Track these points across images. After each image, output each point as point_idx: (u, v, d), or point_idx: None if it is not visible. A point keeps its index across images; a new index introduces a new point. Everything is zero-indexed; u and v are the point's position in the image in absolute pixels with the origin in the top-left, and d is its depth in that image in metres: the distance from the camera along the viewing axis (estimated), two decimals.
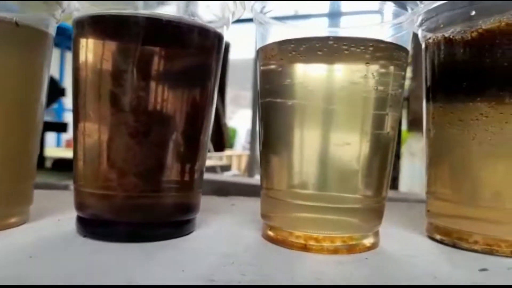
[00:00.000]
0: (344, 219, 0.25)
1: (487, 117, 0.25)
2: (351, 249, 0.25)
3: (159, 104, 0.25)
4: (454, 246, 0.27)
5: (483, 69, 0.25)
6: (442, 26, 0.28)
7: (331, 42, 0.23)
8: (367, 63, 0.24)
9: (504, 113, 0.25)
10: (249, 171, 3.23)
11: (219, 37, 0.28)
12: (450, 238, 0.28)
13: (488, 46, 0.25)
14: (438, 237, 0.28)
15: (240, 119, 4.05)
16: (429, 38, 0.29)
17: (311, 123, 0.24)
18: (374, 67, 0.24)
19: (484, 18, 0.25)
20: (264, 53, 0.26)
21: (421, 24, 0.29)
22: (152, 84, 0.25)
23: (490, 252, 0.26)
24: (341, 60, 0.24)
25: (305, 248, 0.25)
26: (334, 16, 0.27)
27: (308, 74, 0.25)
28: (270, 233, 0.27)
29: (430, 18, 0.29)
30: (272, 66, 0.26)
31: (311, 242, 0.25)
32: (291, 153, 0.25)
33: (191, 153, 0.27)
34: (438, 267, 0.23)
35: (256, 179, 1.76)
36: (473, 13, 0.26)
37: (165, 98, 0.25)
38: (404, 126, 1.22)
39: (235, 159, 3.36)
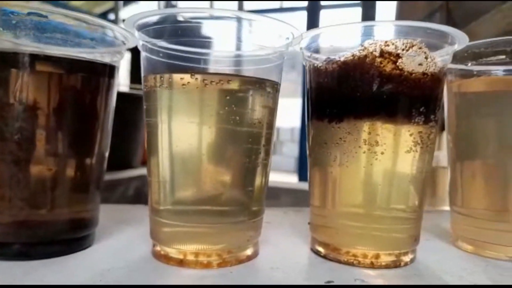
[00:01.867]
0: (216, 233, 0.27)
1: (345, 142, 0.28)
2: (223, 263, 0.27)
3: (42, 133, 0.27)
4: (325, 257, 0.30)
5: (341, 98, 0.28)
6: (315, 53, 0.30)
7: (193, 77, 0.25)
8: (227, 96, 0.26)
9: (358, 139, 0.27)
10: None
11: (107, 66, 0.30)
12: (326, 250, 0.30)
13: (345, 77, 0.28)
14: (316, 248, 0.31)
15: None
16: (306, 64, 0.31)
17: (177, 147, 0.26)
18: (234, 99, 0.26)
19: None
20: (143, 78, 0.28)
21: (301, 49, 0.31)
22: (34, 114, 0.27)
23: (353, 264, 0.28)
24: (203, 93, 0.26)
25: (181, 263, 0.27)
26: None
27: (174, 102, 0.27)
28: (155, 249, 0.29)
29: (309, 44, 0.31)
30: (146, 91, 0.28)
31: (189, 257, 0.27)
32: (163, 171, 0.27)
33: (80, 175, 0.29)
34: (290, 280, 0.25)
35: None
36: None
37: (48, 127, 0.27)
38: None
39: None
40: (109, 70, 0.30)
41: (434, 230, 0.39)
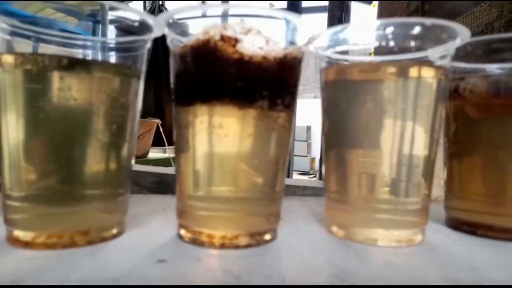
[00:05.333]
0: (61, 215, 0.28)
1: (193, 125, 0.28)
2: (70, 244, 0.28)
3: None
4: (183, 239, 0.30)
5: (190, 82, 0.28)
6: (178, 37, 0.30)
7: (25, 58, 0.26)
8: (59, 77, 0.26)
9: (203, 122, 0.28)
10: None
11: None
12: (186, 233, 0.30)
13: (192, 62, 0.28)
14: (178, 231, 0.31)
15: None
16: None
17: (13, 130, 0.27)
18: (66, 80, 0.26)
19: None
20: None
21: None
22: None
23: (204, 244, 0.29)
24: (37, 75, 0.26)
25: (27, 245, 0.27)
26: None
27: (8, 84, 0.27)
28: (9, 232, 0.29)
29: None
30: None
31: (39, 239, 0.27)
32: (5, 153, 0.27)
33: None
34: (120, 259, 0.26)
35: None
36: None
37: None
38: None
39: None
40: None
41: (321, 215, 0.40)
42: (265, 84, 0.28)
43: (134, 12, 0.29)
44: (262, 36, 0.27)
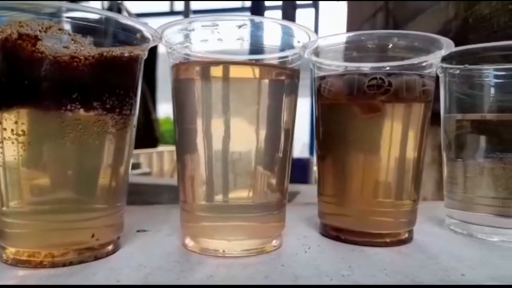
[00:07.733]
0: None
1: None
2: None
3: None
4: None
5: None
6: None
7: None
8: None
9: (7, 129, 0.25)
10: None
11: None
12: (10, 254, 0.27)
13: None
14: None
15: None
16: None
17: None
18: None
19: None
20: None
21: None
22: None
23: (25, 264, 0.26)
24: None
25: None
26: None
27: None
28: None
29: None
30: None
31: None
32: None
33: None
34: None
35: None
36: None
37: None
38: None
39: (155, 157, 3.34)
40: None
41: None
42: (75, 86, 0.25)
43: None
44: (65, 34, 0.25)
